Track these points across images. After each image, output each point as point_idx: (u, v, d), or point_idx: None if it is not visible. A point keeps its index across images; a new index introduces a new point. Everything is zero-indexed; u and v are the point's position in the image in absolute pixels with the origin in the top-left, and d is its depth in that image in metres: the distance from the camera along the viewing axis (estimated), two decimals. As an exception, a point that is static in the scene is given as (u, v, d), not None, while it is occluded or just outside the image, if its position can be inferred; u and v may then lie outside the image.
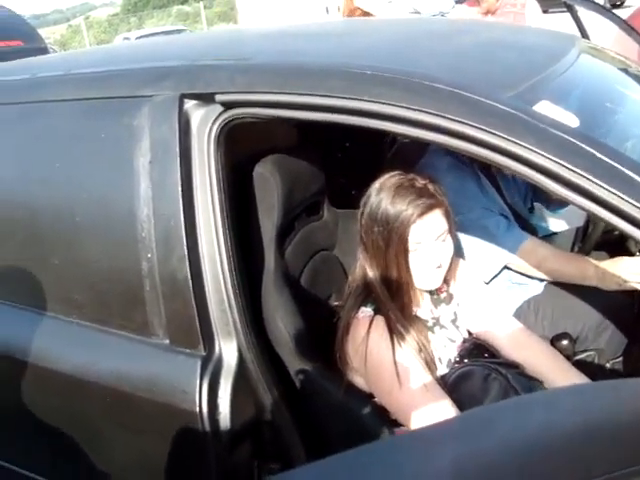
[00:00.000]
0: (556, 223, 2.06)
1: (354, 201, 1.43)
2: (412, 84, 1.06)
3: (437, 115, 1.01)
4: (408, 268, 1.36)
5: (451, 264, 1.46)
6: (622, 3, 15.98)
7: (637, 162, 0.97)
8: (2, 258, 1.51)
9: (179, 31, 17.68)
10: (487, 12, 3.82)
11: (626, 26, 2.53)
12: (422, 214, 1.31)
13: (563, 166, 0.95)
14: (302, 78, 1.17)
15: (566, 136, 0.97)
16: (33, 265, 1.44)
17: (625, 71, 1.79)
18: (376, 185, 1.38)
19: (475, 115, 0.99)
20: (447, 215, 1.36)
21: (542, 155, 0.96)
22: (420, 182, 1.35)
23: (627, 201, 0.92)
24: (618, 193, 0.93)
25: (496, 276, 1.88)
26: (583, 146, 0.96)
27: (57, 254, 1.40)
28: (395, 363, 1.30)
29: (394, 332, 1.34)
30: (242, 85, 1.21)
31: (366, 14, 3.65)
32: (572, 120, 1.08)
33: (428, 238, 1.34)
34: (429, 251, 1.35)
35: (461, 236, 1.79)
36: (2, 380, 1.52)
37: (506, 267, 1.88)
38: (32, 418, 1.42)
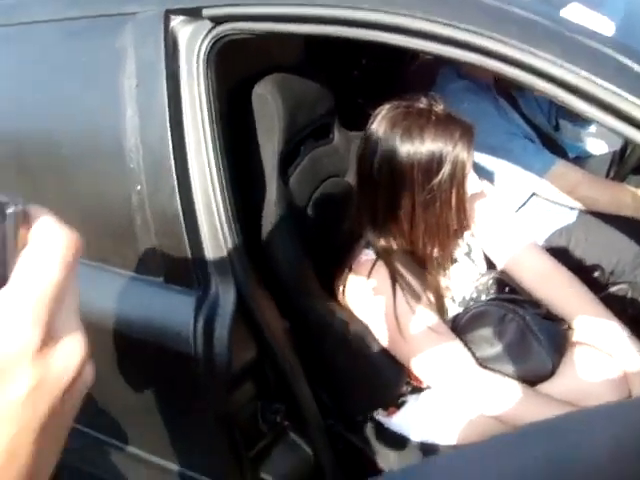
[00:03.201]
0: (591, 144, 1.89)
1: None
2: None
3: (446, 25, 0.87)
4: (464, 207, 1.25)
5: None
6: None
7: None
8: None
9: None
10: None
11: None
12: (469, 147, 1.19)
13: (593, 82, 0.81)
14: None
15: (598, 45, 0.83)
16: (27, 200, 1.37)
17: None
18: (386, 124, 1.24)
19: (489, 23, 0.85)
20: None
21: (567, 69, 0.82)
22: (441, 110, 1.22)
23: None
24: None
25: (524, 204, 1.75)
26: (619, 58, 0.82)
27: (49, 188, 1.32)
28: (396, 314, 1.22)
29: (396, 280, 1.24)
30: (230, -4, 1.07)
31: None
32: (608, 27, 0.93)
33: (468, 170, 1.23)
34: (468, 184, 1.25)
35: (484, 163, 1.66)
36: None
37: (535, 194, 1.74)
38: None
